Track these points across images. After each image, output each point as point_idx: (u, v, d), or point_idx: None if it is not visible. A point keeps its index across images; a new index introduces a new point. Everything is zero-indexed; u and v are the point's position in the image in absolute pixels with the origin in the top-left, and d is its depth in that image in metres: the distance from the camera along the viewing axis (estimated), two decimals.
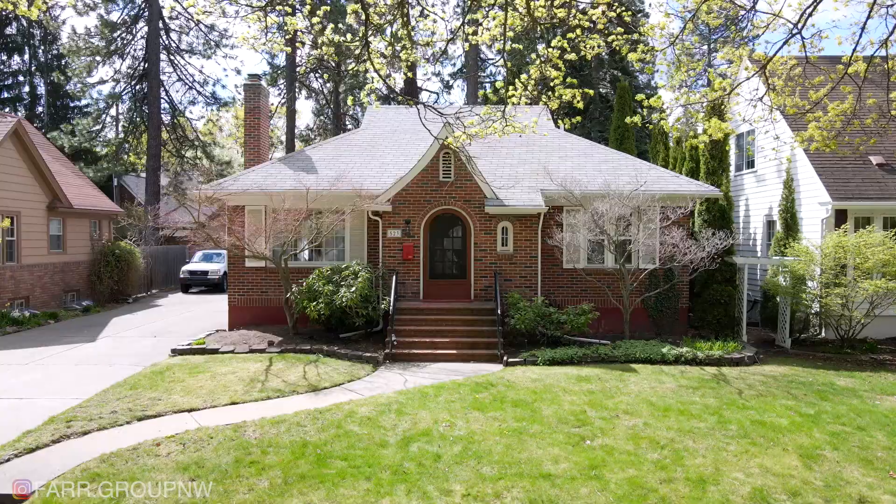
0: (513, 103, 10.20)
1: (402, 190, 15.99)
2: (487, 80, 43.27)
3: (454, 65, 43.14)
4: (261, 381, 11.89)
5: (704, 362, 13.46)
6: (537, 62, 10.17)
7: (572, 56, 10.18)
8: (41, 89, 49.72)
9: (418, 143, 18.48)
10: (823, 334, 16.31)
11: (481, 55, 41.10)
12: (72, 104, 50.02)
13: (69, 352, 14.82)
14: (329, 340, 14.91)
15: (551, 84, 10.24)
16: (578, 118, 10.95)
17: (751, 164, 20.96)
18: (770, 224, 19.62)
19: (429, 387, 11.51)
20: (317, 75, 47.53)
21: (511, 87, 10.40)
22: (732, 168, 21.33)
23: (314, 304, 14.44)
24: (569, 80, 10.46)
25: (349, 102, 17.30)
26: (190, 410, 10.33)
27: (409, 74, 11.50)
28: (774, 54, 9.75)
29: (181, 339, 15.76)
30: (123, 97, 41.82)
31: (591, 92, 10.72)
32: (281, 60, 44.47)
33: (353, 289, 14.16)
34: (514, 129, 10.38)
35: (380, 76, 9.38)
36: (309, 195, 15.29)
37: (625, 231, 15.44)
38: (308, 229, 15.60)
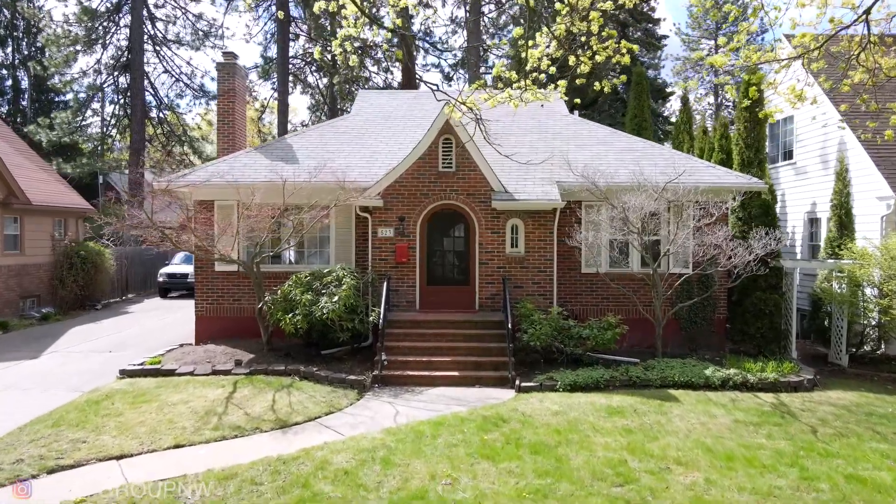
0: (533, 65, 7.93)
1: (396, 182, 13.74)
2: (490, 71, 40.99)
3: (455, 55, 40.88)
4: (218, 413, 9.63)
5: (757, 387, 11.21)
6: (565, 12, 7.92)
7: (608, 4, 7.97)
8: (25, 83, 47.58)
9: (415, 130, 16.23)
10: (883, 349, 14.06)
11: (483, 45, 38.84)
12: (56, 98, 47.83)
13: (1, 371, 12.56)
14: (308, 358, 12.66)
15: (584, 41, 8.01)
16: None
17: (788, 156, 18.70)
18: (812, 222, 17.36)
19: (425, 423, 9.25)
20: (312, 69, 45.31)
21: (531, 43, 8.16)
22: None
23: (290, 316, 12.18)
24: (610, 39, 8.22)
25: (342, 94, 15.16)
26: (119, 457, 8.09)
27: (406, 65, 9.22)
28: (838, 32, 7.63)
29: (139, 355, 13.51)
30: (105, 89, 39.61)
31: (635, 48, 8.46)
32: (274, 52, 42.26)
33: (336, 298, 11.90)
34: (534, 97, 8.14)
35: (362, 11, 7.12)
36: (286, 188, 13.04)
37: (656, 230, 13.17)
38: (286, 228, 13.35)
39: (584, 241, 13.11)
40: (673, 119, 42.31)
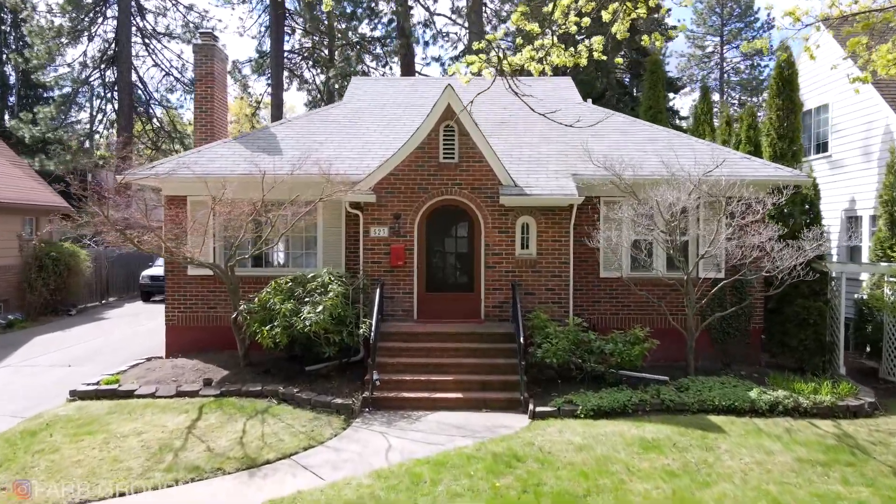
0: (562, 11, 6.31)
1: (390, 174, 12.12)
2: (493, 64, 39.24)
3: (455, 47, 39.17)
4: (175, 448, 8.02)
5: (811, 412, 9.59)
6: None
7: None
8: (13, 78, 45.96)
9: (413, 119, 14.62)
10: None
11: (485, 37, 37.18)
12: (45, 95, 46.24)
13: None
14: (290, 375, 11.05)
15: None
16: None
17: (821, 148, 17.08)
18: (851, 221, 15.74)
19: (423, 462, 7.63)
20: (309, 65, 43.68)
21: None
22: None
23: (268, 328, 10.56)
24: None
25: (341, 90, 13.59)
26: None
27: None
28: None
29: (100, 371, 11.91)
30: (91, 82, 38.03)
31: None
32: (269, 47, 40.64)
33: (321, 308, 10.27)
34: (560, 59, 6.53)
35: None
36: (265, 181, 11.43)
37: (687, 229, 11.53)
38: (268, 227, 11.74)
39: (606, 242, 11.48)
40: (683, 113, 40.74)
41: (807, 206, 12.97)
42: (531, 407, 9.58)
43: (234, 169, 12.64)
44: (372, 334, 10.45)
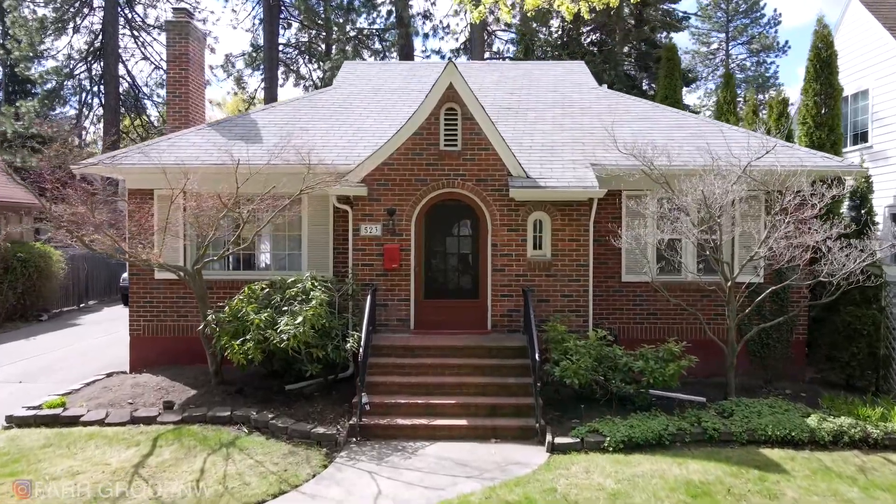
0: None
1: (384, 164, 10.59)
2: (496, 57, 37.75)
3: (457, 39, 37.63)
4: (114, 498, 6.49)
5: (882, 444, 8.06)
6: None
7: None
8: (0, 72, 44.48)
9: (411, 106, 13.04)
10: None
11: (488, 27, 35.67)
12: (34, 90, 44.77)
13: None
14: (266, 396, 9.53)
15: None
16: None
17: (861, 138, 15.55)
18: None
19: None
20: (305, 60, 42.16)
21: None
22: None
23: (239, 342, 9.02)
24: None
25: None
26: None
27: None
28: None
29: (53, 388, 10.40)
30: (78, 76, 36.49)
31: None
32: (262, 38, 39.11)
33: (300, 319, 8.73)
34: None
35: None
36: (239, 172, 9.91)
37: (729, 227, 9.95)
38: (248, 224, 10.23)
39: (634, 241, 9.94)
40: (692, 106, 39.19)
41: (859, 201, 11.44)
42: (549, 437, 8.05)
43: (206, 158, 11.12)
44: (361, 349, 8.91)
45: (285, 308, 9.18)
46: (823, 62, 13.71)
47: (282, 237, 11.62)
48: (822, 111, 13.54)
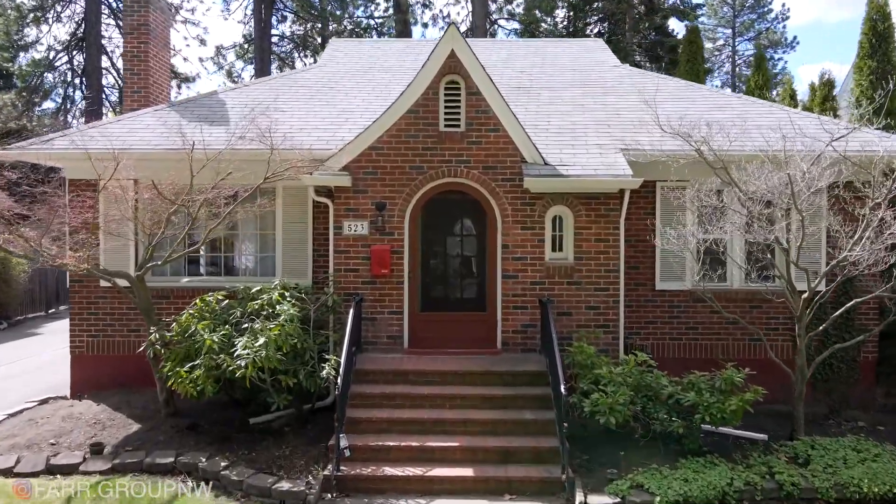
0: None
1: (371, 148, 8.76)
2: None
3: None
4: None
5: None
6: None
7: None
8: None
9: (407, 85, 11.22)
10: None
11: (490, 16, 33.80)
12: (20, 85, 43.02)
13: None
14: (225, 433, 7.72)
15: None
16: None
17: None
18: None
19: None
20: (300, 54, 40.36)
21: None
22: None
23: (186, 368, 7.19)
24: None
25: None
26: None
27: None
28: None
29: None
30: (59, 67, 34.76)
31: None
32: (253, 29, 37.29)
33: (261, 341, 6.90)
34: None
35: None
36: (195, 159, 8.11)
37: (795, 223, 8.10)
38: (211, 221, 8.44)
39: (677, 241, 8.10)
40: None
41: None
42: (580, 496, 6.24)
43: (160, 142, 9.29)
44: (341, 375, 7.07)
45: (246, 325, 7.35)
46: (879, 36, 12.00)
47: (252, 237, 9.84)
48: (878, 91, 11.79)
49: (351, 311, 7.96)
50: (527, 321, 8.74)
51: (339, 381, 6.96)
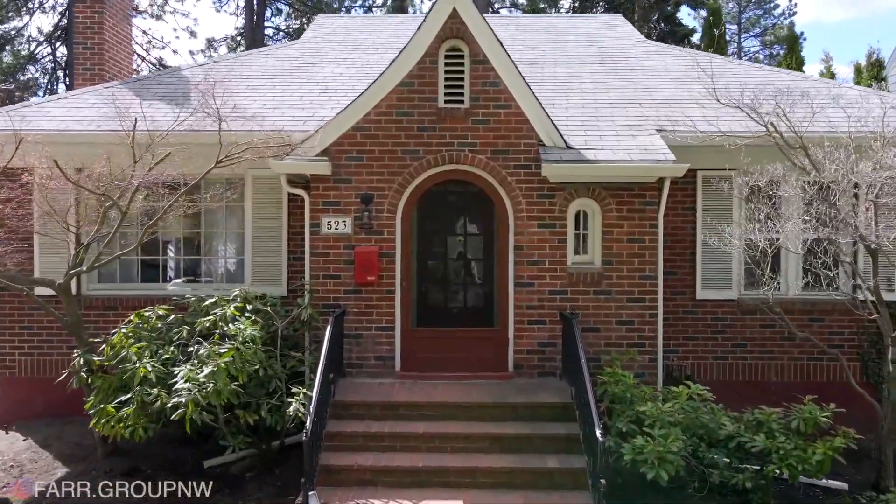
0: None
1: (356, 129, 7.23)
2: None
3: None
4: None
5: None
6: None
7: None
8: None
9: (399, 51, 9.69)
10: None
11: (493, 4, 32.27)
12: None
13: None
14: (173, 479, 6.17)
15: None
16: None
17: None
18: None
19: None
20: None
21: None
22: None
23: (114, 404, 5.65)
24: None
25: None
26: None
27: None
28: None
29: None
30: (41, 59, 33.22)
31: None
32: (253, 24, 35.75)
33: (206, 371, 5.36)
34: None
35: None
36: (138, 143, 6.60)
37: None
38: (123, 214, 6.93)
39: (744, 243, 6.57)
40: None
41: None
42: None
43: (102, 122, 7.76)
44: (313, 408, 5.52)
45: (192, 349, 5.80)
46: None
47: (219, 236, 8.36)
48: None
49: (329, 327, 6.41)
50: (545, 339, 7.19)
51: (308, 420, 5.40)
